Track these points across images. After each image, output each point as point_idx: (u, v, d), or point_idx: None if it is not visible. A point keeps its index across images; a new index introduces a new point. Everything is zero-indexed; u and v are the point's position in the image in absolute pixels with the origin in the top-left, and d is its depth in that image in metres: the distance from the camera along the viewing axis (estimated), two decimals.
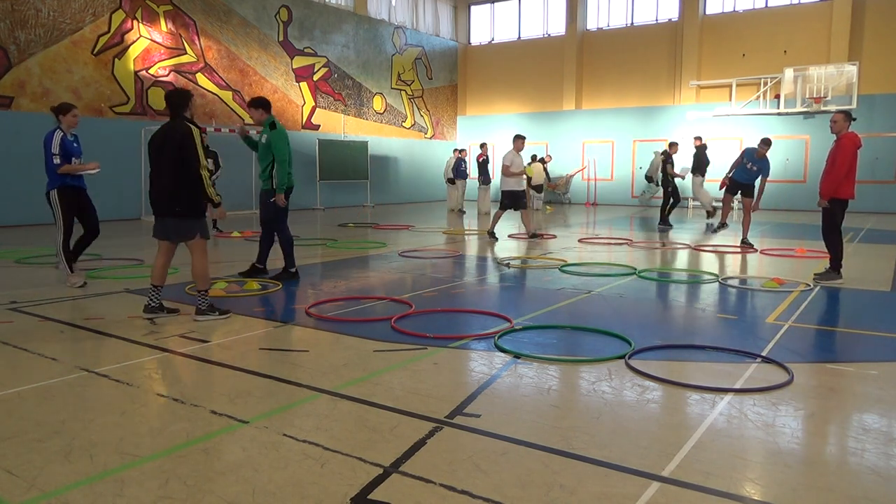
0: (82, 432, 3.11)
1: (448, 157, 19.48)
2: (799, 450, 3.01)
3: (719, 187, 11.40)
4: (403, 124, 23.43)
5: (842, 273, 7.35)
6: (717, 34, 20.62)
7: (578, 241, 11.47)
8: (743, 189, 10.79)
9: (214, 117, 16.73)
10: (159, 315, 5.43)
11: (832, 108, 17.57)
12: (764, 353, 4.46)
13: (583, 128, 22.90)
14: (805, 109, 18.78)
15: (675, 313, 5.97)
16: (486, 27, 25.67)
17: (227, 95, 17.29)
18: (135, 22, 15.19)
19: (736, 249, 10.25)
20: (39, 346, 4.60)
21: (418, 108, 24.08)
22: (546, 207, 20.03)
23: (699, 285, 7.34)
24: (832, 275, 7.33)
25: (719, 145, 20.17)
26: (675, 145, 14.09)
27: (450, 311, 5.90)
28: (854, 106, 17.79)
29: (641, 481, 2.65)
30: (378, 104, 22.21)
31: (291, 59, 19.08)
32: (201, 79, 16.61)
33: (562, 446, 2.98)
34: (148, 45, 15.47)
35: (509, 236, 12.25)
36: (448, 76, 25.41)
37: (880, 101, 18.12)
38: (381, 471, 2.72)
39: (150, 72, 15.50)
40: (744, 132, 19.70)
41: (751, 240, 10.70)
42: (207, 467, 2.76)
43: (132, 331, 5.04)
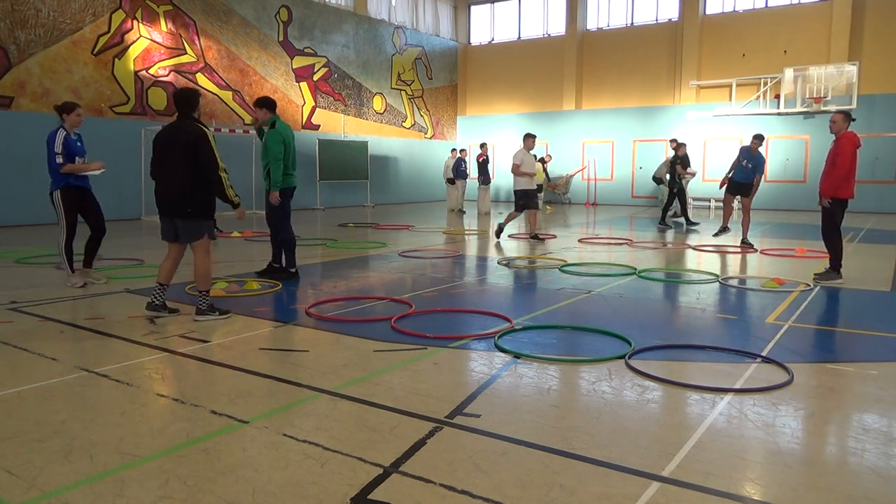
0: (82, 432, 3.11)
1: (446, 157, 19.47)
2: (799, 450, 3.01)
3: (719, 187, 11.42)
4: (403, 124, 23.43)
5: (842, 273, 7.35)
6: (717, 34, 20.62)
7: (578, 241, 11.48)
8: (743, 189, 10.80)
9: (214, 117, 16.73)
10: (161, 314, 5.43)
11: (832, 108, 17.57)
12: (764, 353, 4.46)
13: (583, 128, 22.90)
14: (805, 109, 18.79)
15: (675, 313, 5.97)
16: (486, 27, 25.68)
17: (227, 95, 17.30)
18: (135, 22, 15.19)
19: (736, 249, 10.25)
20: (39, 346, 4.60)
21: (418, 108, 24.08)
22: (546, 207, 20.02)
23: (699, 285, 7.34)
24: (832, 275, 7.33)
25: (719, 145, 20.19)
26: (683, 146, 14.08)
27: (450, 311, 5.90)
28: (854, 106, 17.80)
29: (641, 481, 2.65)
30: (378, 104, 22.22)
31: (291, 59, 19.09)
32: (201, 79, 16.61)
33: (562, 446, 2.98)
34: (148, 45, 15.47)
35: (509, 236, 12.24)
36: (448, 76, 25.41)
37: (880, 101, 18.12)
38: (381, 471, 2.72)
39: (150, 72, 15.50)
40: (744, 132, 19.68)
41: (751, 240, 10.71)
42: (207, 467, 2.76)
43: (132, 331, 5.04)
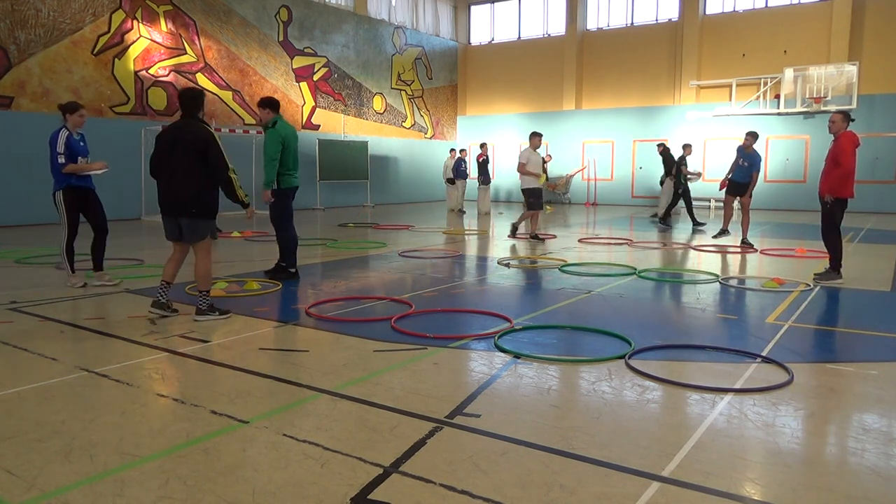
0: (82, 432, 3.11)
1: (445, 157, 19.47)
2: (799, 450, 3.01)
3: (719, 188, 11.45)
4: (403, 124, 23.43)
5: (842, 273, 7.35)
6: (717, 34, 20.62)
7: (578, 241, 11.48)
8: (742, 189, 10.82)
9: (214, 117, 16.73)
10: (165, 312, 5.43)
11: (832, 108, 17.56)
12: (764, 353, 4.46)
13: (583, 128, 22.90)
14: (805, 109, 18.79)
15: (675, 313, 5.97)
16: (486, 27, 25.68)
17: (227, 95, 17.30)
18: (135, 22, 15.19)
19: (736, 249, 10.26)
20: (39, 346, 4.60)
21: (418, 108, 24.08)
22: (546, 207, 20.01)
23: (699, 285, 7.34)
24: (832, 275, 7.33)
25: (720, 145, 20.19)
26: (688, 147, 14.07)
27: (450, 311, 5.90)
28: (854, 106, 17.80)
29: (641, 481, 2.65)
30: (378, 104, 22.22)
31: (291, 59, 19.09)
32: (201, 79, 16.61)
33: (562, 446, 2.98)
34: (148, 45, 15.47)
35: (509, 236, 12.25)
36: (448, 76, 25.41)
37: (880, 101, 18.12)
38: (381, 471, 2.72)
39: (150, 72, 15.50)
40: (744, 132, 19.61)
41: (751, 240, 10.71)
42: (207, 467, 2.76)
43: (132, 331, 5.04)
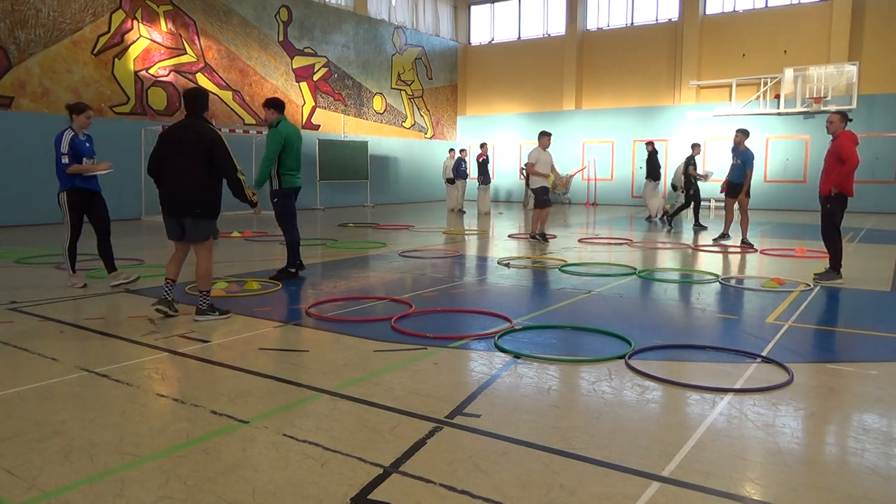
0: (82, 432, 3.11)
1: (445, 157, 19.49)
2: (799, 450, 3.01)
3: (720, 191, 11.47)
4: (403, 124, 23.44)
5: (842, 273, 7.35)
6: (717, 34, 20.62)
7: (578, 241, 11.48)
8: (739, 190, 10.82)
9: (215, 117, 16.73)
10: (170, 311, 5.43)
11: (832, 108, 17.56)
12: (764, 353, 4.46)
13: (583, 128, 22.91)
14: (805, 109, 18.79)
15: (675, 313, 5.97)
16: (486, 27, 25.68)
17: (227, 95, 17.30)
18: (135, 22, 15.19)
19: (736, 249, 10.26)
20: (39, 346, 4.60)
21: (418, 108, 24.08)
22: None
23: (699, 285, 7.34)
24: (832, 275, 7.33)
25: (720, 146, 20.18)
26: (697, 146, 13.96)
27: (450, 311, 5.90)
28: (854, 106, 17.81)
29: (641, 481, 2.65)
30: (378, 104, 22.22)
31: (291, 59, 19.09)
32: (201, 79, 16.61)
33: (562, 446, 2.98)
34: (148, 45, 15.48)
35: (509, 236, 12.25)
36: (448, 76, 25.42)
37: (880, 101, 18.12)
38: (381, 471, 2.72)
39: (150, 72, 15.50)
40: (750, 133, 19.66)
41: (751, 240, 10.71)
42: (207, 467, 2.76)
43: (132, 331, 5.04)
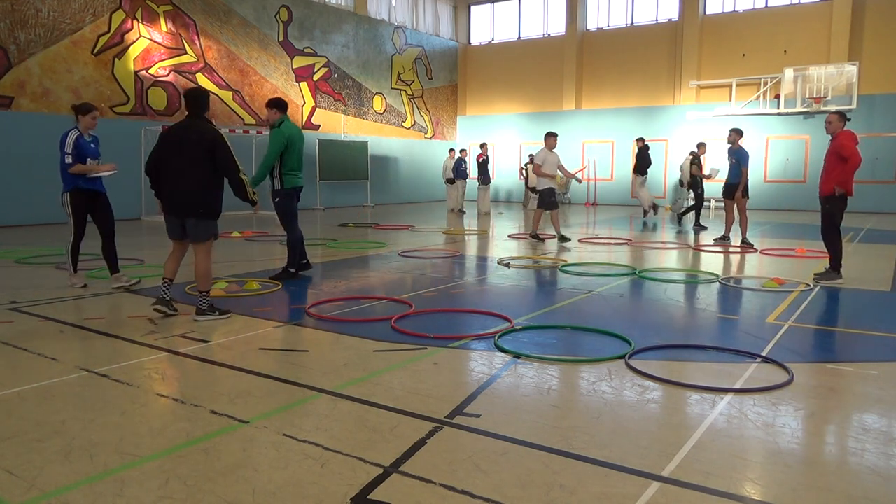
0: (82, 432, 3.11)
1: (445, 157, 19.50)
2: (799, 450, 3.01)
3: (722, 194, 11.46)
4: (403, 124, 23.44)
5: (842, 273, 7.35)
6: (717, 34, 20.62)
7: (578, 241, 11.48)
8: (736, 190, 10.82)
9: (215, 117, 16.73)
10: (168, 310, 5.44)
11: (832, 107, 17.57)
12: (764, 353, 4.46)
13: (583, 128, 22.90)
14: (805, 109, 18.79)
15: (675, 313, 5.97)
16: (486, 27, 25.68)
17: (227, 95, 17.30)
18: (135, 22, 15.19)
19: (736, 249, 10.26)
20: (39, 346, 4.60)
21: (418, 108, 24.09)
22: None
23: (699, 285, 7.34)
24: (832, 275, 7.33)
25: (720, 146, 20.17)
26: (703, 146, 13.92)
27: (450, 311, 5.90)
28: (854, 106, 17.81)
29: (641, 481, 2.65)
30: (378, 104, 22.22)
31: (291, 59, 19.09)
32: (201, 79, 16.61)
33: (562, 446, 2.98)
34: (148, 45, 15.48)
35: (509, 236, 12.26)
36: (448, 76, 25.42)
37: (880, 101, 18.12)
38: (381, 471, 2.72)
39: (150, 72, 15.50)
40: (744, 132, 19.65)
41: (751, 240, 10.71)
42: (207, 467, 2.76)
43: (132, 331, 5.04)
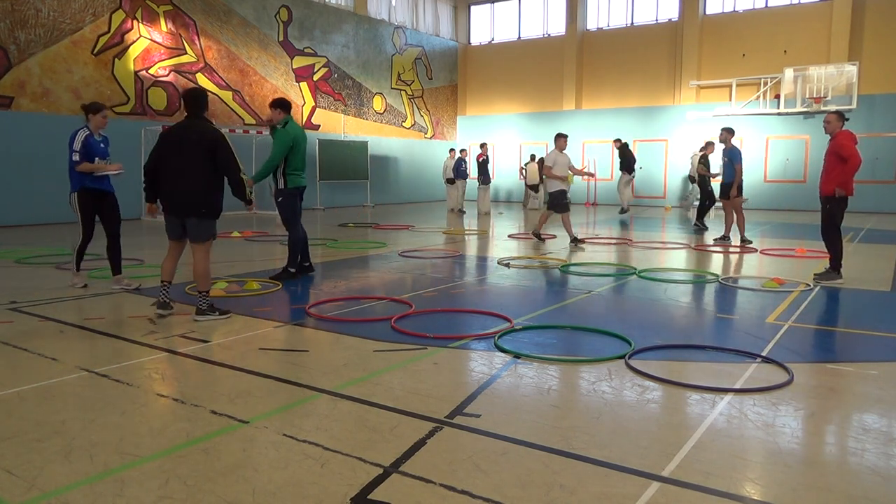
0: (82, 432, 3.11)
1: (445, 157, 19.51)
2: (799, 450, 3.01)
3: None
4: (403, 124, 23.44)
5: (842, 273, 7.35)
6: (717, 34, 20.62)
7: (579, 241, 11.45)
8: (730, 189, 10.84)
9: (214, 117, 16.73)
10: (170, 311, 5.44)
11: (832, 108, 17.56)
12: (764, 353, 4.46)
13: (583, 128, 22.90)
14: (805, 109, 18.79)
15: (675, 313, 5.97)
16: (486, 27, 25.68)
17: (227, 95, 17.30)
18: (135, 22, 15.19)
19: (736, 249, 10.26)
20: (39, 346, 4.60)
21: (418, 108, 24.08)
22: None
23: (699, 285, 7.34)
24: (832, 275, 7.33)
25: (719, 146, 20.17)
26: (711, 145, 13.83)
27: (450, 311, 5.90)
28: (854, 106, 17.82)
29: (641, 481, 2.65)
30: (378, 104, 22.22)
31: (291, 59, 19.09)
32: (201, 79, 16.61)
33: (562, 446, 2.98)
34: (148, 45, 15.48)
35: (509, 236, 12.26)
36: (448, 76, 25.42)
37: (880, 101, 18.12)
38: (381, 471, 2.72)
39: (150, 72, 15.50)
40: (744, 132, 19.68)
41: (751, 239, 10.71)
42: (207, 467, 2.76)
43: (132, 331, 5.04)
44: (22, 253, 9.26)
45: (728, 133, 11.02)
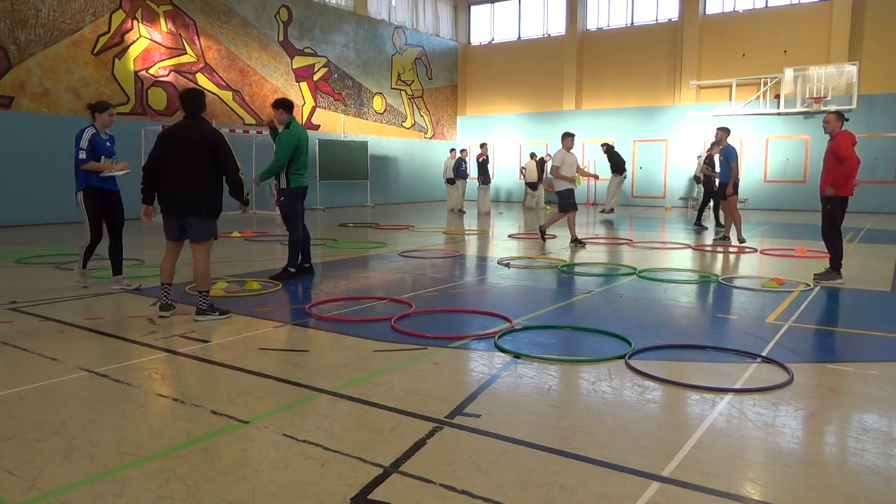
0: (82, 432, 3.11)
1: (445, 157, 19.52)
2: (799, 450, 3.01)
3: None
4: (403, 124, 23.43)
5: (842, 273, 7.35)
6: (717, 34, 20.62)
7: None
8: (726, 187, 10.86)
9: (214, 117, 16.73)
10: (172, 312, 5.45)
11: (832, 108, 17.56)
12: (764, 353, 4.46)
13: (583, 128, 22.86)
14: (805, 109, 18.79)
15: (675, 313, 5.97)
16: (486, 27, 25.67)
17: (227, 95, 17.30)
18: (135, 22, 15.19)
19: (735, 249, 10.25)
20: (39, 346, 4.60)
21: (418, 108, 24.08)
22: (546, 207, 20.04)
23: (699, 285, 7.34)
24: (832, 275, 7.33)
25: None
26: (715, 145, 13.84)
27: (450, 311, 5.90)
28: (854, 106, 17.81)
29: (641, 481, 2.65)
30: (378, 104, 22.22)
31: (291, 59, 19.09)
32: (201, 79, 16.61)
33: (562, 446, 2.98)
34: (148, 45, 15.47)
35: (509, 236, 12.26)
36: (448, 76, 25.41)
37: (880, 101, 18.12)
38: (381, 471, 2.72)
39: (150, 72, 15.50)
40: (744, 132, 19.69)
41: (750, 239, 10.72)
42: (207, 467, 2.76)
43: (132, 331, 5.04)
44: (22, 253, 9.26)
45: (724, 132, 11.06)
